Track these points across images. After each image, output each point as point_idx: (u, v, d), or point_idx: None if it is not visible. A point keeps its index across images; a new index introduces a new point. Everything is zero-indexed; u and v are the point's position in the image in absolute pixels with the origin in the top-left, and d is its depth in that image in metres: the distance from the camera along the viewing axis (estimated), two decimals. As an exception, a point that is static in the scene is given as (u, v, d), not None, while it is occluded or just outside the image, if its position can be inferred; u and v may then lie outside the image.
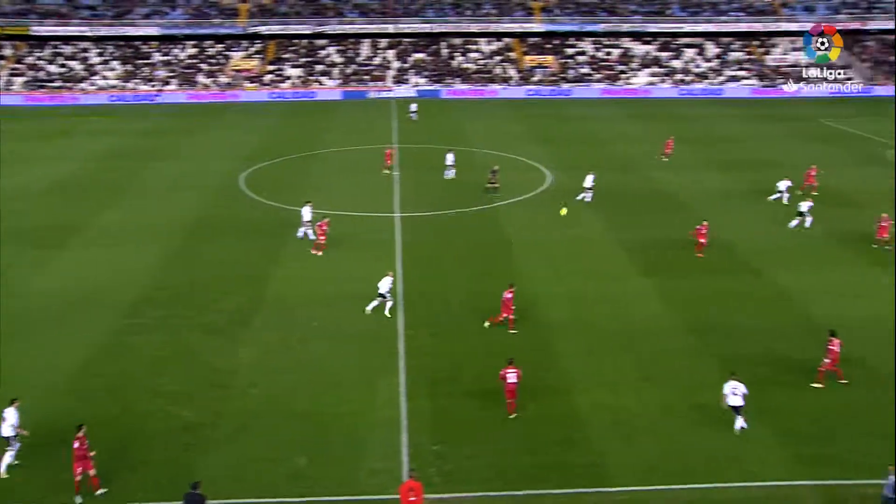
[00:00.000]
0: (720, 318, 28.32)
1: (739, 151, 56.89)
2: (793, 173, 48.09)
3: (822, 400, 23.09)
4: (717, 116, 73.13)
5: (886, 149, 57.51)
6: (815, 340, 26.58)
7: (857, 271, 32.96)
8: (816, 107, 79.31)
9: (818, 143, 60.36)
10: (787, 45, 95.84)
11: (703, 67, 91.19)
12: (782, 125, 68.28)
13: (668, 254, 34.97)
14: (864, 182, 47.37)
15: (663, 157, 54.09)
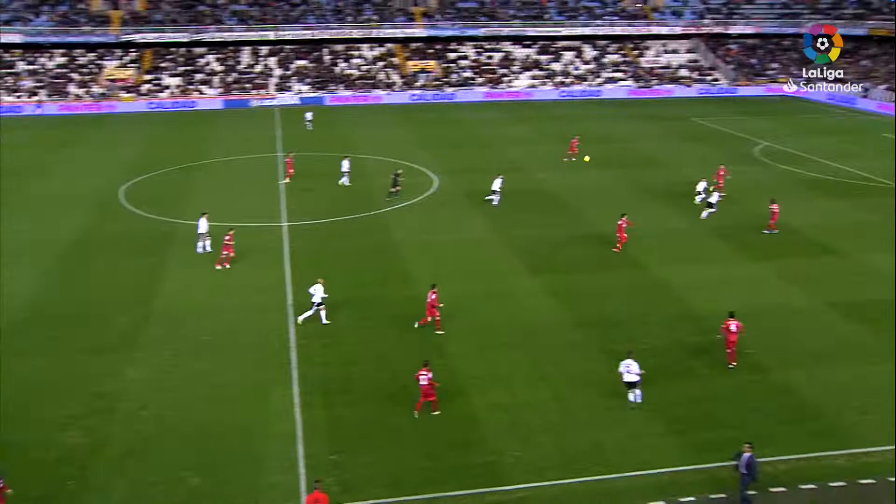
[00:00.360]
0: (608, 312, 29.26)
1: (620, 150, 58.96)
2: (676, 172, 50.45)
3: (709, 387, 24.18)
4: (597, 117, 75.55)
5: (753, 146, 60.89)
6: (699, 330, 27.89)
7: (737, 264, 34.74)
8: (688, 106, 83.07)
9: (693, 141, 63.25)
10: (658, 47, 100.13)
11: (582, 70, 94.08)
12: (658, 124, 71.18)
13: (556, 252, 35.88)
14: (737, 177, 49.93)
15: (571, 157, 55.34)
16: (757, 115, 77.76)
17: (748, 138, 64.28)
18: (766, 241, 37.45)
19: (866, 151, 58.57)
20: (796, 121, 74.58)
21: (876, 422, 22.23)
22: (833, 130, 68.88)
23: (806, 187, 47.60)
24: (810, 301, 30.25)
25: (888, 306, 29.75)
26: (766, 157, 56.50)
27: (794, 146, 60.11)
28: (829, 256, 35.28)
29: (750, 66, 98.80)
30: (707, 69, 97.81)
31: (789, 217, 41.27)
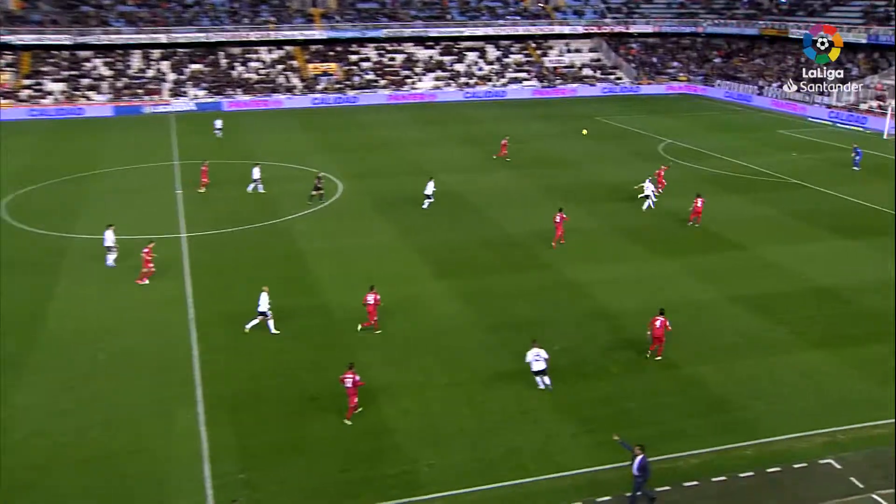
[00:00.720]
0: (519, 314, 29.63)
1: (526, 151, 59.89)
2: (584, 171, 51.60)
3: (621, 385, 24.77)
4: (502, 118, 76.57)
5: (657, 143, 62.88)
6: (610, 328, 28.55)
7: (647, 262, 35.73)
8: (592, 105, 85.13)
9: (598, 140, 64.83)
10: (561, 47, 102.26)
11: (486, 70, 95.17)
12: (564, 124, 72.65)
13: (465, 255, 36.15)
14: (643, 175, 51.40)
15: (505, 157, 56.36)
16: (659, 112, 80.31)
17: (652, 136, 66.34)
18: (674, 238, 38.67)
19: (763, 148, 61.27)
20: (696, 118, 77.36)
21: (781, 411, 23.24)
22: (731, 127, 71.80)
23: (708, 183, 49.41)
24: (717, 295, 31.39)
25: (788, 298, 31.17)
26: (669, 154, 58.44)
27: (695, 143, 62.36)
28: (733, 251, 36.70)
29: (651, 65, 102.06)
30: (610, 68, 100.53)
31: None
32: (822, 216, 42.43)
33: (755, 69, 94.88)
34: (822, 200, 45.89)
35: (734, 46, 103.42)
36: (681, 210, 43.10)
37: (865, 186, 48.93)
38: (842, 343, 27.37)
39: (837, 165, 55.61)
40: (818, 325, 28.86)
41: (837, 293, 31.72)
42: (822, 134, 68.85)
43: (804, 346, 27.27)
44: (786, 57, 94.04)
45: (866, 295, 31.49)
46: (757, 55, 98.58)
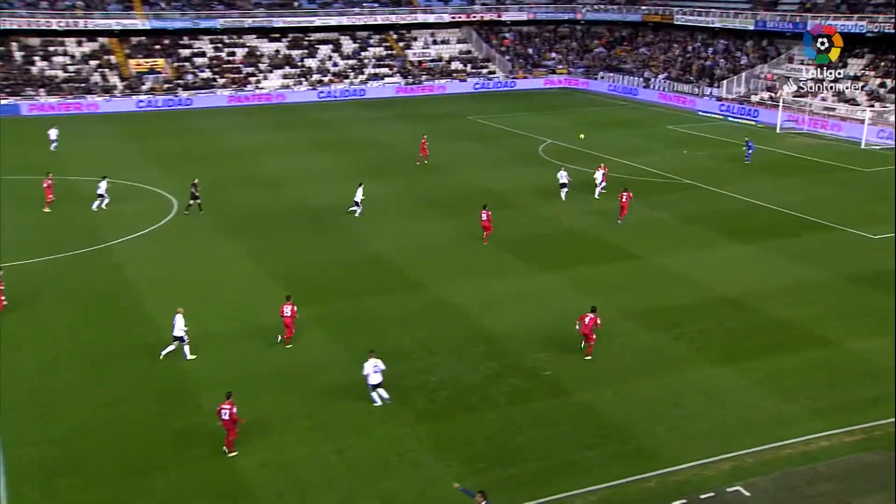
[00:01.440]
0: (392, 343, 29.54)
1: (391, 156, 60.17)
2: (457, 177, 52.30)
3: (508, 416, 25.01)
4: (363, 119, 76.74)
5: (537, 144, 64.54)
6: (493, 353, 28.87)
7: (528, 276, 36.43)
8: (463, 103, 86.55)
9: (471, 141, 65.88)
10: (426, 38, 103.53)
11: (342, 66, 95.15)
12: (432, 125, 73.44)
13: (325, 277, 35.85)
14: (522, 181, 52.56)
15: (424, 160, 57.65)
16: (538, 109, 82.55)
17: (530, 136, 68.02)
18: (556, 249, 39.67)
19: (652, 146, 63.93)
20: (579, 115, 79.93)
21: (684, 436, 24.10)
22: (617, 124, 74.62)
23: (594, 187, 51.05)
24: (609, 311, 32.33)
25: (686, 311, 32.50)
26: (551, 156, 60.07)
27: (578, 142, 64.37)
28: (623, 261, 37.98)
29: (527, 57, 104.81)
30: (482, 61, 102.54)
31: (577, 220, 44.13)
32: (717, 219, 44.56)
33: (640, 59, 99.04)
34: (716, 202, 48.23)
35: (616, 34, 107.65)
36: (561, 217, 44.30)
37: (760, 184, 51.80)
38: (745, 357, 28.71)
39: (730, 162, 58.65)
40: (719, 338, 30.19)
41: (738, 303, 33.31)
42: (712, 129, 72.52)
43: (706, 362, 28.45)
44: (671, 45, 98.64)
45: (768, 303, 33.20)
46: (641, 44, 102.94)
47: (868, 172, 56.16)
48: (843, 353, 28.97)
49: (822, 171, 56.31)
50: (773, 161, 59.22)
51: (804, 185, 52.40)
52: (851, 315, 32.09)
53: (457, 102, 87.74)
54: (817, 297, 33.87)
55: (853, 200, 48.72)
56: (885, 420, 24.63)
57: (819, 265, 37.50)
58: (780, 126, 71.83)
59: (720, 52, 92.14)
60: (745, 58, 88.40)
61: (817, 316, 32.00)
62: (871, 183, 53.18)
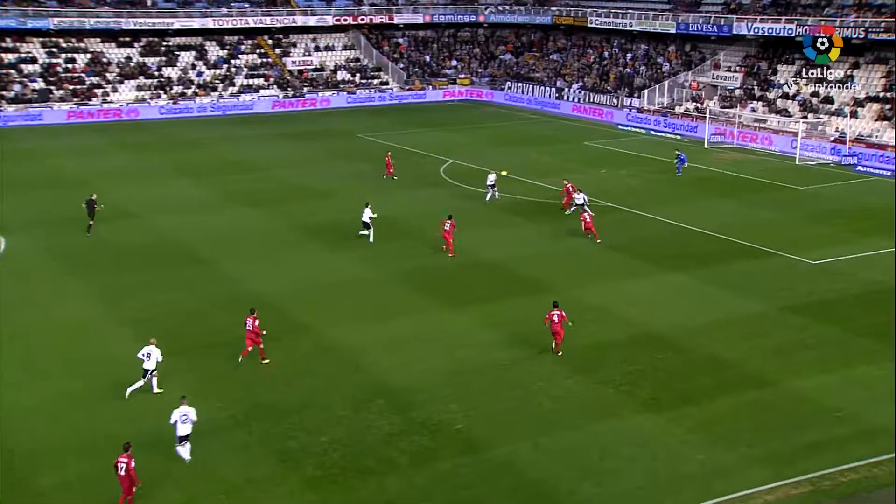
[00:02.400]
0: (271, 400, 29.18)
1: (268, 181, 59.77)
2: (345, 203, 52.32)
3: (412, 480, 24.87)
4: (234, 138, 76.16)
5: (438, 165, 65.02)
6: (394, 406, 28.74)
7: (432, 314, 36.55)
8: (351, 119, 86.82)
9: (362, 162, 65.97)
10: (308, 43, 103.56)
11: (207, 76, 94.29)
12: (316, 144, 73.43)
13: (189, 323, 35.25)
14: (420, 205, 52.78)
15: (392, 176, 59.44)
16: (438, 125, 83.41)
17: (430, 155, 68.57)
18: (463, 283, 39.94)
19: (567, 165, 65.11)
20: (485, 130, 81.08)
21: (613, 493, 24.35)
22: (527, 141, 75.86)
23: (505, 212, 51.69)
24: (524, 352, 32.67)
25: (612, 350, 33.04)
26: (454, 178, 60.63)
27: (484, 162, 65.08)
28: (540, 294, 38.41)
29: (424, 66, 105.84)
30: (372, 70, 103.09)
31: (490, 251, 44.55)
32: (642, 245, 45.61)
33: (552, 67, 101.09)
34: (640, 226, 49.40)
35: (524, 39, 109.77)
36: (469, 245, 44.70)
37: (688, 206, 53.27)
38: (677, 401, 29.28)
39: (654, 182, 60.22)
40: (649, 380, 30.76)
41: (668, 339, 34.04)
42: (634, 144, 74.40)
43: (634, 407, 28.93)
44: (586, 51, 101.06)
45: (701, 339, 34.01)
46: (553, 49, 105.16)
47: (804, 191, 58.36)
48: (783, 393, 29.81)
49: (755, 190, 58.27)
50: (702, 179, 61.03)
51: (737, 205, 54.13)
52: (791, 350, 33.10)
53: (344, 118, 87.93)
54: (753, 331, 34.87)
55: (790, 222, 50.53)
56: (833, 468, 25.35)
57: (755, 295, 38.69)
58: (708, 140, 74.17)
59: (640, 58, 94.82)
60: (667, 64, 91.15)
61: (754, 352, 32.91)
62: (808, 202, 55.27)
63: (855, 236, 47.34)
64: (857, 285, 39.95)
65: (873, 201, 55.54)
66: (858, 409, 28.60)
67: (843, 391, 29.83)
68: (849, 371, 31.29)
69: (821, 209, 53.54)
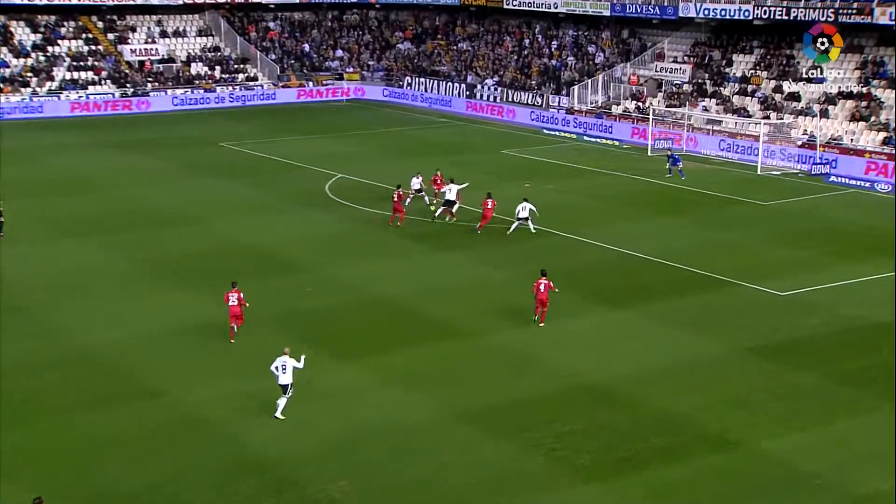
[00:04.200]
0: (117, 481, 28.61)
1: (106, 203, 58.75)
2: (207, 230, 51.77)
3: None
4: (54, 149, 74.92)
5: (324, 180, 64.72)
6: (268, 484, 28.31)
7: (315, 372, 36.28)
8: (210, 123, 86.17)
9: (227, 178, 65.47)
10: (152, 27, 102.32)
11: (16, 67, 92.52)
12: (164, 154, 72.57)
13: (6, 387, 34.41)
14: (308, 232, 52.37)
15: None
16: (322, 131, 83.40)
17: (313, 168, 68.35)
18: (355, 329, 39.56)
19: (483, 179, 64.89)
20: (382, 138, 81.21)
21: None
22: (433, 149, 75.92)
23: (408, 238, 51.54)
24: (434, 411, 32.31)
25: (542, 406, 32.90)
26: (343, 197, 60.39)
27: (378, 176, 65.02)
28: (451, 341, 38.19)
29: (303, 56, 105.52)
30: (237, 63, 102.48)
31: (388, 286, 44.34)
32: (576, 277, 45.68)
33: (461, 58, 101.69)
34: (573, 253, 49.67)
35: (427, 24, 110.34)
36: (363, 281, 44.45)
37: (629, 227, 53.66)
38: (622, 468, 29.20)
39: (588, 198, 60.78)
40: (587, 443, 30.66)
41: (610, 392, 34.07)
42: (564, 152, 75.04)
43: (571, 478, 28.79)
44: (502, 39, 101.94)
45: (649, 390, 34.09)
46: (461, 37, 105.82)
47: (769, 207, 59.56)
48: (750, 455, 29.95)
49: (709, 207, 59.27)
50: (646, 194, 61.77)
51: (688, 226, 54.99)
52: (758, 402, 33.39)
53: (201, 122, 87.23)
54: (712, 380, 35.15)
55: (752, 245, 51.44)
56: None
57: (712, 335, 39.09)
58: (652, 146, 75.16)
59: (568, 46, 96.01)
60: (600, 54, 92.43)
61: (714, 406, 33.12)
62: (773, 220, 56.40)
63: (830, 261, 48.42)
64: (834, 321, 40.74)
65: (851, 218, 56.93)
66: (841, 474, 28.92)
67: (821, 452, 30.18)
68: (828, 427, 31.72)
69: (789, 229, 54.64)
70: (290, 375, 31.46)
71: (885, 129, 70.68)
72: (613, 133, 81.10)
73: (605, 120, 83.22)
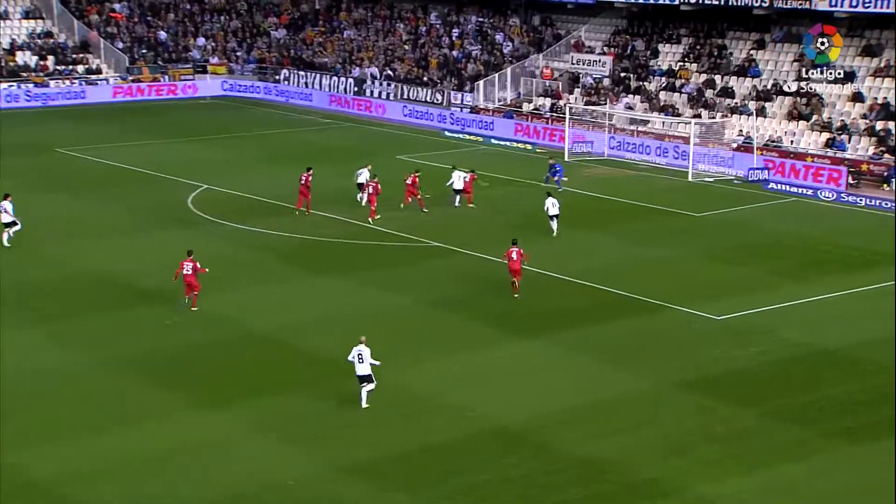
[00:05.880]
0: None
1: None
2: (43, 252, 50.90)
3: None
4: None
5: (186, 192, 64.21)
6: None
7: (175, 422, 35.93)
8: (44, 124, 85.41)
9: (67, 191, 64.82)
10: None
11: None
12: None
13: None
14: (168, 254, 51.88)
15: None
16: (183, 135, 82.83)
17: (172, 179, 67.81)
18: (224, 368, 38.96)
19: (382, 189, 64.83)
20: (255, 142, 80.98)
21: None
22: (314, 155, 75.11)
23: (286, 261, 51.29)
24: (313, 468, 32.22)
25: (446, 455, 32.88)
26: (209, 213, 60.01)
27: (251, 188, 64.85)
28: (332, 382, 37.94)
29: (157, 45, 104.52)
30: (75, 51, 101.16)
31: (262, 319, 44.10)
32: (483, 301, 46.07)
33: (345, 48, 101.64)
34: (479, 273, 49.86)
35: (306, 7, 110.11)
36: (230, 315, 44.33)
37: (544, 243, 53.75)
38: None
39: (496, 210, 61.14)
40: (501, 496, 30.66)
41: (524, 435, 34.02)
42: (468, 158, 75.11)
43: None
44: (394, 25, 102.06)
45: (570, 433, 34.19)
46: (346, 23, 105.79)
47: (701, 219, 60.48)
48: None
49: (634, 219, 59.87)
50: (564, 206, 62.04)
51: (610, 241, 55.56)
52: (692, 444, 33.66)
53: (31, 123, 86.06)
54: (640, 419, 35.30)
55: (684, 262, 52.13)
56: None
57: (640, 367, 39.38)
58: (569, 150, 75.73)
59: (471, 35, 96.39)
60: (509, 44, 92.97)
61: (643, 449, 33.31)
62: (706, 234, 57.29)
63: (770, 280, 49.23)
64: (775, 349, 41.31)
65: (793, 230, 57.92)
66: (788, 524, 29.42)
67: (765, 500, 30.56)
68: (771, 471, 32.00)
69: (724, 243, 55.41)
70: (367, 366, 35.02)
71: (828, 129, 72.07)
72: (525, 135, 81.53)
73: (515, 119, 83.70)
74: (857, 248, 54.60)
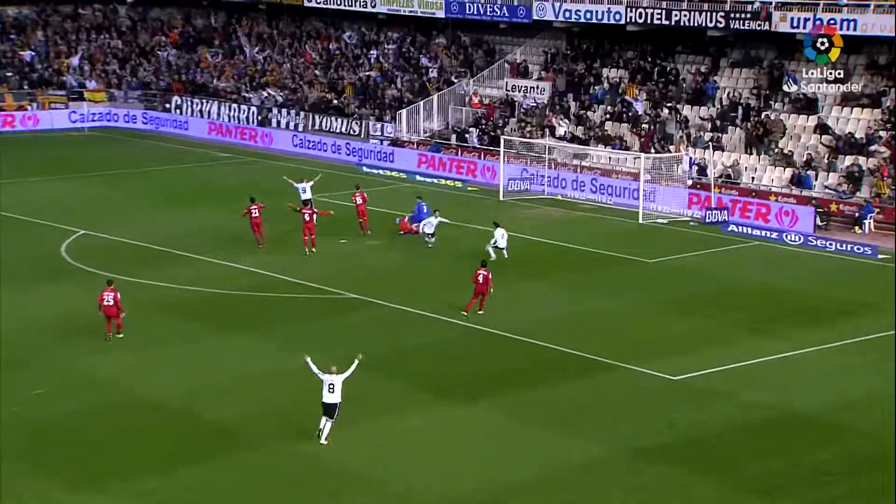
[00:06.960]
0: None
1: None
2: None
3: None
4: None
5: (59, 240, 63.96)
6: None
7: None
8: None
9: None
10: None
11: None
12: None
13: None
14: (36, 313, 51.36)
15: None
16: (56, 171, 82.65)
17: (43, 223, 68.02)
18: (106, 444, 37.43)
19: (293, 235, 64.75)
20: (141, 179, 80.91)
21: None
22: (213, 193, 75.97)
23: (182, 317, 51.36)
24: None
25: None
26: (87, 263, 59.81)
27: (139, 233, 65.03)
28: (243, 452, 37.88)
29: (22, 68, 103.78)
30: None
31: (154, 385, 43.89)
32: (412, 360, 46.44)
33: (247, 72, 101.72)
34: (403, 327, 50.30)
35: (199, 23, 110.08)
36: (118, 380, 44.17)
37: (489, 298, 53.99)
38: None
39: (422, 258, 61.68)
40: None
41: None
42: (388, 197, 75.28)
43: None
44: (303, 46, 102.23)
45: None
46: (248, 42, 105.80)
47: (654, 265, 61.16)
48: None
49: (579, 267, 60.47)
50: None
51: (556, 292, 56.13)
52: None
53: None
54: (590, 492, 35.47)
55: (635, 315, 52.58)
56: None
57: (590, 434, 39.54)
58: (505, 188, 76.37)
59: (391, 56, 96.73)
60: (435, 68, 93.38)
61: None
62: (660, 283, 57.97)
63: (732, 334, 49.75)
64: (738, 412, 41.59)
65: (756, 278, 58.72)
66: None
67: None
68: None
69: (680, 294, 56.06)
70: (338, 394, 37.15)
71: (790, 163, 73.01)
72: (453, 171, 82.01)
73: (443, 154, 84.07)
74: (828, 297, 55.34)
